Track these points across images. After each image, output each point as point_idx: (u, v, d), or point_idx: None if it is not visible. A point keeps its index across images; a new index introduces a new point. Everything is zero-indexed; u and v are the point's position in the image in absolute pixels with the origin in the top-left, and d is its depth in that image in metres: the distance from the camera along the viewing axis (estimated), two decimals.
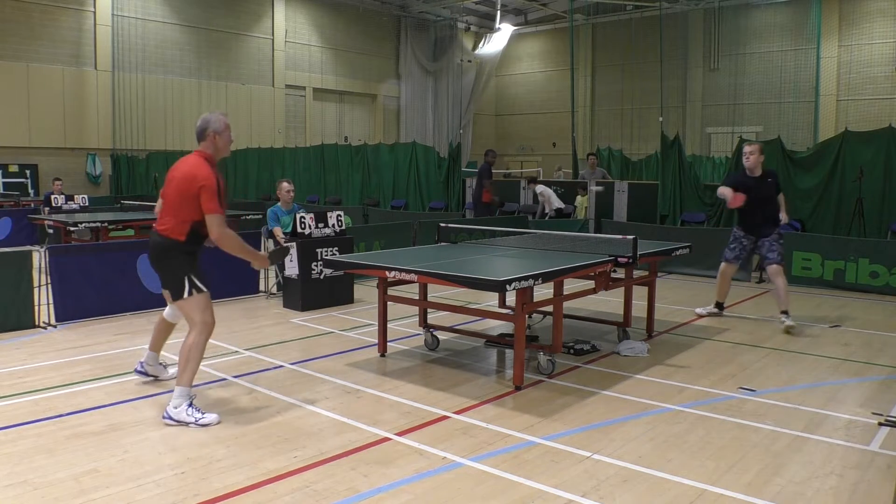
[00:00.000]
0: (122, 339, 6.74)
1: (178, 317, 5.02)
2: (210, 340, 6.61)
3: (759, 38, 26.02)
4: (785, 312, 7.38)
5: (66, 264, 7.39)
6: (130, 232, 11.08)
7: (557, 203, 14.66)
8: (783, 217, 7.67)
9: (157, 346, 5.29)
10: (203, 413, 4.49)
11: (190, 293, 4.57)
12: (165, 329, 5.21)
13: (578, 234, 8.11)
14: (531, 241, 7.60)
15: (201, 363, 4.62)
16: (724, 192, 7.48)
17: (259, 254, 4.84)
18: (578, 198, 14.72)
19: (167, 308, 5.11)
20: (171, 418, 4.46)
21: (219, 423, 4.47)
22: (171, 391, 4.59)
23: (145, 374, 5.34)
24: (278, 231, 8.70)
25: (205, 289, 4.62)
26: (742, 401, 5.03)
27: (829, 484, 3.71)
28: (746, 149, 7.70)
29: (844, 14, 24.57)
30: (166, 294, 4.78)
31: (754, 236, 7.70)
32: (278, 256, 5.20)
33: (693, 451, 4.12)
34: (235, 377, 5.51)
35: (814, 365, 6.02)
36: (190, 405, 4.49)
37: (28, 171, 20.77)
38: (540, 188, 14.92)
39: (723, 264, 7.87)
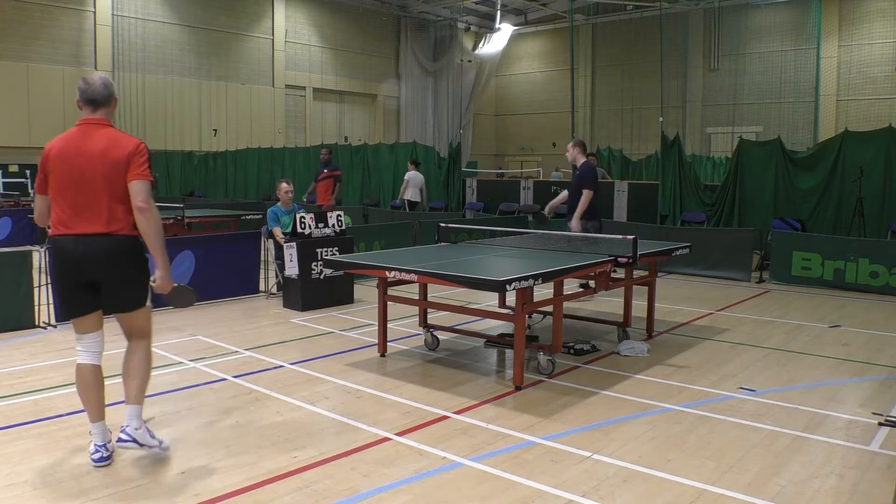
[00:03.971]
0: (122, 339, 6.72)
1: (101, 354, 4.04)
2: (210, 340, 6.68)
3: (759, 38, 26.05)
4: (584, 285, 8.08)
5: None
6: None
7: (412, 195, 15.15)
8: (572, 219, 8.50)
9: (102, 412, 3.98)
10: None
11: (148, 298, 3.89)
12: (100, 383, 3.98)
13: (578, 234, 8.12)
14: (531, 241, 7.60)
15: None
16: None
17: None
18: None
19: (93, 355, 3.98)
20: (135, 441, 3.84)
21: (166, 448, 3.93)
22: (171, 391, 4.55)
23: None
24: (277, 231, 8.71)
25: None
26: (742, 401, 5.03)
27: (829, 484, 3.71)
28: (568, 145, 8.84)
29: (844, 14, 24.59)
30: (92, 319, 3.90)
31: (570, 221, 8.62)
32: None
33: (693, 451, 4.12)
34: (235, 377, 5.51)
35: (814, 365, 6.02)
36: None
37: (28, 171, 20.78)
38: (409, 175, 15.31)
39: None
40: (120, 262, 3.78)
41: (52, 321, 7.19)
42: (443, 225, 7.33)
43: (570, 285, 6.21)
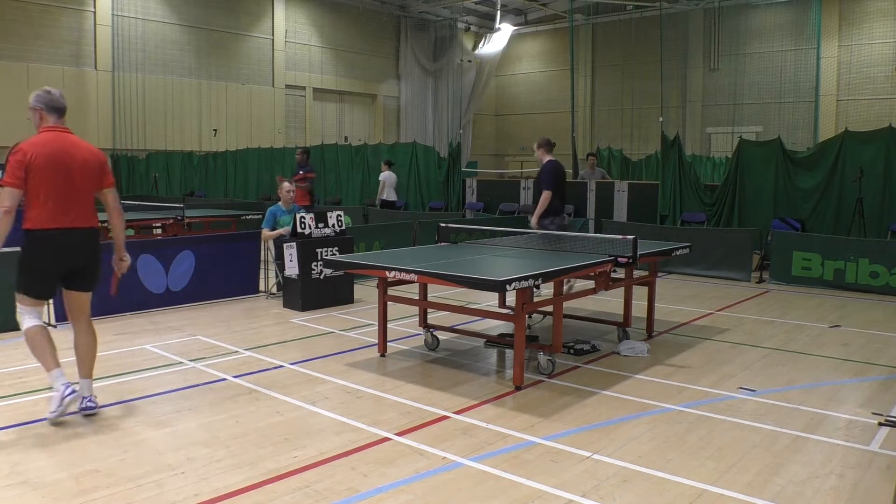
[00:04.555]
0: (122, 339, 6.74)
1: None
2: (210, 340, 6.68)
3: (759, 38, 26.02)
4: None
5: None
6: (130, 232, 11.07)
7: (388, 195, 15.52)
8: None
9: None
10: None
11: None
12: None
13: (578, 234, 8.12)
14: (531, 241, 7.60)
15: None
16: None
17: None
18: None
19: (40, 318, 4.70)
20: (97, 406, 4.61)
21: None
22: (171, 391, 4.56)
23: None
24: (266, 232, 8.71)
25: None
26: (742, 401, 5.03)
27: (829, 484, 3.71)
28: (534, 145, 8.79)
29: (844, 14, 24.58)
30: (75, 297, 4.69)
31: None
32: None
33: (693, 451, 4.12)
34: (235, 377, 5.51)
35: (814, 365, 6.02)
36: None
37: None
38: (383, 175, 15.72)
39: None
40: (95, 250, 4.65)
41: (52, 321, 7.18)
42: (443, 225, 7.33)
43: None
